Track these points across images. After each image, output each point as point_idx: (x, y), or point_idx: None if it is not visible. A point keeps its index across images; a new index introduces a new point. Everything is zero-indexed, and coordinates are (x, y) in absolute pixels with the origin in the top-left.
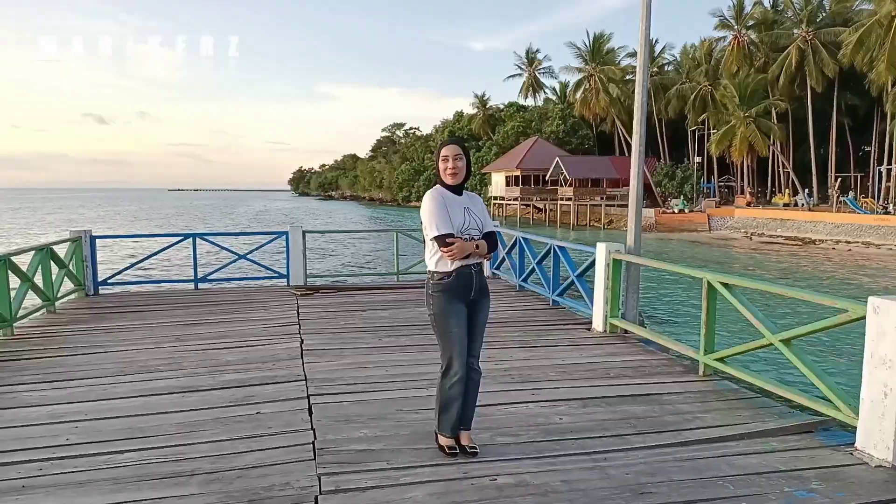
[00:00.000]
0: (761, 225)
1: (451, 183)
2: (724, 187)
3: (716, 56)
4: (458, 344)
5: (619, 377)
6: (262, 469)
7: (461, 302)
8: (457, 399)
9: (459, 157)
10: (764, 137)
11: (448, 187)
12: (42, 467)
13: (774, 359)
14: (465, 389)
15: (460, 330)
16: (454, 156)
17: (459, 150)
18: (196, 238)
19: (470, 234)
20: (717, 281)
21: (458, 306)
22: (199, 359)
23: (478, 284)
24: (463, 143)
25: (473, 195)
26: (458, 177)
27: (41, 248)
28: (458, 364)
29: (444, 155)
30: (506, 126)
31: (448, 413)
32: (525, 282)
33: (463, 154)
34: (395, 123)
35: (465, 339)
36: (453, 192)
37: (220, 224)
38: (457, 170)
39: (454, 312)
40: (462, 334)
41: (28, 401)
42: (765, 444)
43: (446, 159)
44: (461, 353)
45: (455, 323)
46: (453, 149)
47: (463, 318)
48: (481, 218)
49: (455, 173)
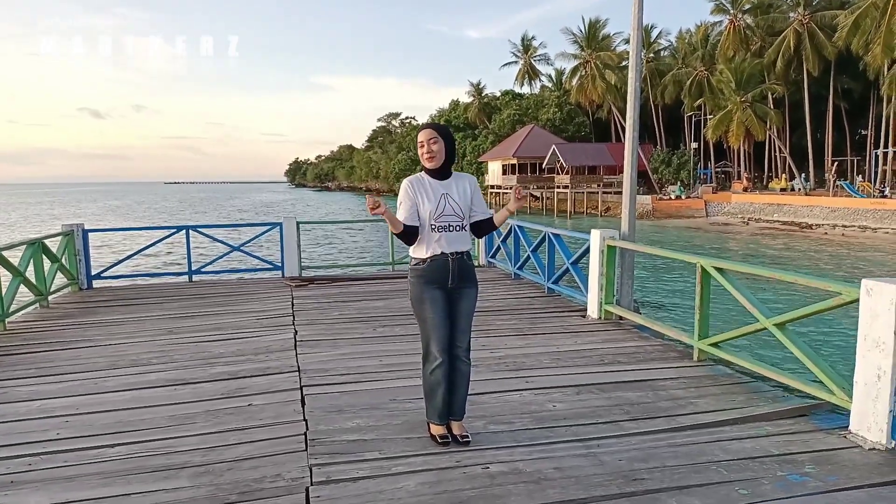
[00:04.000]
0: (758, 210)
1: (430, 167)
2: (720, 173)
3: (712, 41)
4: (435, 330)
5: (613, 363)
6: (253, 461)
7: (438, 289)
8: (439, 385)
9: (435, 141)
10: (760, 122)
11: (430, 172)
12: (31, 462)
13: (769, 343)
14: (449, 378)
15: (435, 316)
16: (429, 140)
17: (434, 134)
18: (189, 230)
19: (447, 221)
20: (711, 266)
21: (433, 293)
22: (191, 351)
23: (457, 272)
24: (441, 127)
25: (464, 178)
26: (435, 160)
27: (33, 242)
28: (435, 350)
29: (420, 140)
30: (502, 114)
31: (433, 401)
32: (520, 270)
33: (439, 137)
34: (391, 113)
35: (443, 326)
36: (435, 176)
37: (218, 216)
38: (433, 153)
39: (429, 299)
40: (439, 321)
41: (19, 395)
42: (758, 428)
43: (422, 144)
44: (438, 340)
45: (430, 309)
46: (427, 133)
47: (439, 304)
48: (463, 204)
49: (432, 157)
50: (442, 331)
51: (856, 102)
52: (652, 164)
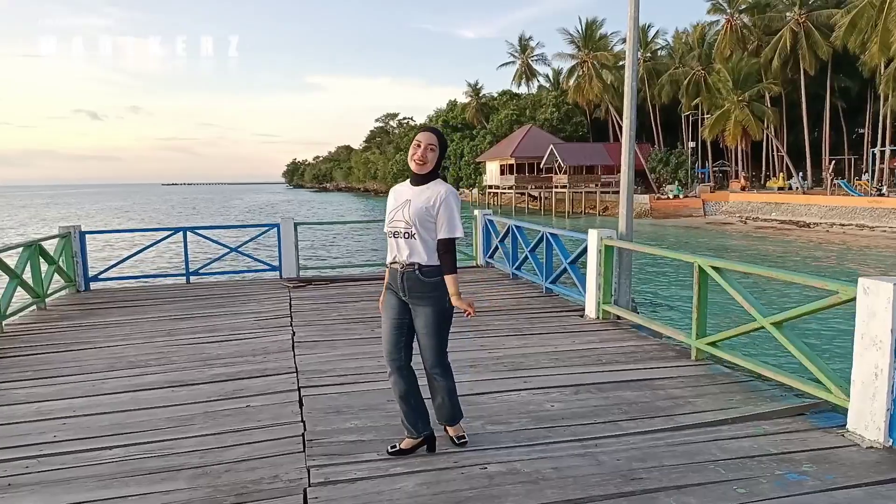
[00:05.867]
0: (756, 209)
1: (415, 170)
2: (718, 172)
3: (709, 40)
4: (384, 339)
5: (611, 363)
6: (251, 462)
7: (394, 297)
8: (397, 396)
9: (433, 148)
10: (758, 121)
11: (411, 177)
12: (28, 465)
13: (767, 342)
14: (408, 390)
15: (384, 325)
16: (427, 145)
17: (434, 142)
18: (187, 232)
19: (394, 227)
20: (709, 265)
21: (391, 300)
22: (189, 353)
23: (404, 285)
24: (441, 135)
25: (436, 189)
26: (423, 167)
27: (29, 244)
28: (386, 360)
29: (418, 140)
30: (499, 114)
31: (400, 410)
32: (518, 270)
33: (437, 146)
34: (389, 114)
35: (387, 337)
36: (413, 182)
37: (224, 218)
38: (424, 160)
39: (386, 306)
40: (385, 330)
41: (16, 398)
42: (756, 427)
43: (418, 145)
44: (386, 350)
45: (384, 317)
46: (428, 137)
47: (388, 313)
48: (417, 213)
49: (421, 163)
50: (387, 342)
51: (853, 101)
52: (650, 164)
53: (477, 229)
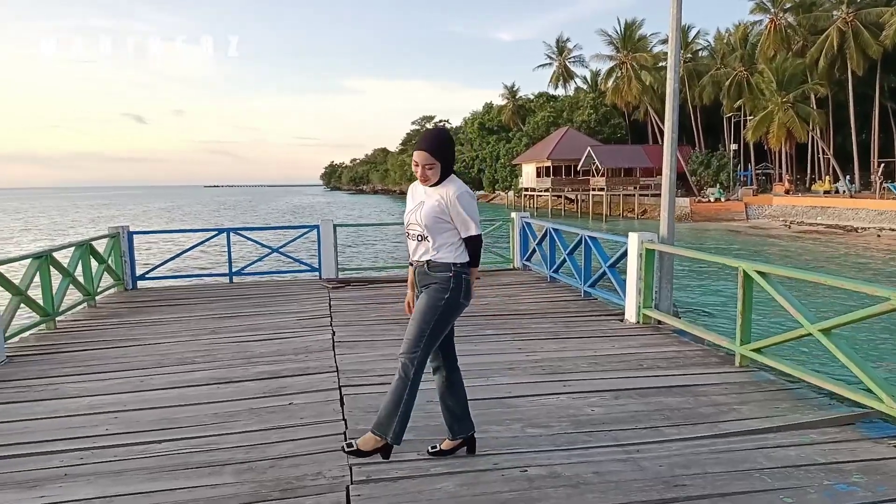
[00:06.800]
0: (801, 213)
1: (423, 185)
2: (761, 175)
3: (752, 40)
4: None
5: (652, 368)
6: (295, 459)
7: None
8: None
9: (430, 167)
10: (803, 123)
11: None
12: (83, 456)
13: (815, 349)
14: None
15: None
16: (425, 165)
17: (431, 160)
18: (230, 233)
19: (410, 229)
20: (754, 270)
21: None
22: (233, 351)
23: (417, 281)
24: (437, 145)
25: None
26: (428, 182)
27: (81, 243)
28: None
29: (415, 160)
30: (536, 116)
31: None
32: (556, 273)
33: (436, 162)
34: (425, 116)
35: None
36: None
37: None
38: (427, 178)
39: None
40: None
41: (69, 392)
42: (803, 436)
43: (416, 165)
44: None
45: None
46: (424, 157)
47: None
48: (429, 215)
49: (426, 180)
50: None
51: None
52: (690, 167)
53: (514, 232)
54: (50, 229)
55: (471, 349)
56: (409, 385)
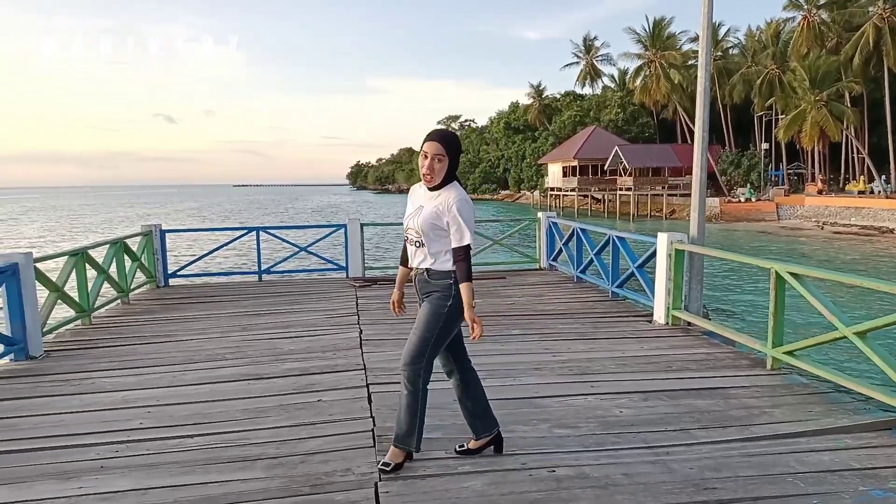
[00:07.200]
0: (834, 214)
1: (426, 185)
2: (793, 175)
3: (784, 38)
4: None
5: (681, 370)
6: (324, 455)
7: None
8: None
9: (441, 158)
10: (836, 122)
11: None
12: (118, 449)
13: (849, 352)
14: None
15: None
16: (434, 155)
17: (442, 151)
18: (259, 231)
19: (408, 234)
20: (786, 271)
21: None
22: (262, 348)
23: (417, 287)
24: (449, 138)
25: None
26: (431, 181)
27: (115, 241)
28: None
29: (424, 151)
30: (562, 115)
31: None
32: (583, 273)
33: (446, 154)
34: (451, 116)
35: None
36: (429, 188)
37: (292, 218)
38: (432, 173)
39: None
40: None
41: (104, 386)
42: (838, 440)
43: (425, 156)
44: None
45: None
46: (434, 147)
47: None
48: (426, 221)
49: (430, 178)
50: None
51: None
52: (720, 166)
53: (540, 232)
54: (86, 227)
55: (497, 349)
56: (419, 396)
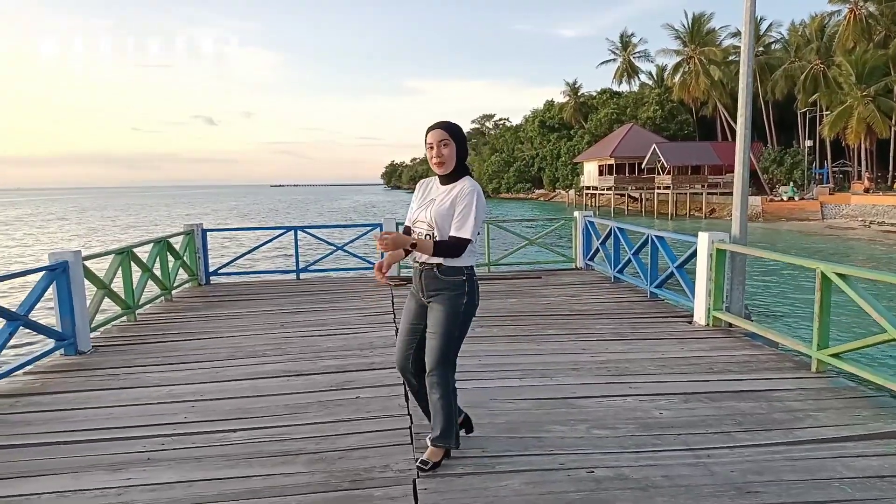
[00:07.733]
0: (881, 213)
1: (439, 172)
2: (838, 173)
3: (829, 32)
4: (397, 342)
5: (723, 372)
6: (363, 451)
7: (414, 300)
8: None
9: (446, 143)
10: (884, 118)
11: (439, 176)
12: (164, 442)
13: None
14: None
15: (401, 327)
16: (439, 142)
17: (445, 135)
18: (297, 231)
19: (417, 229)
20: (833, 272)
21: (410, 304)
22: (301, 345)
23: (423, 283)
24: (452, 126)
25: (460, 187)
26: (444, 167)
27: (159, 240)
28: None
29: (429, 142)
30: (599, 113)
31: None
32: (620, 273)
33: (450, 139)
34: (485, 115)
35: (404, 339)
36: (441, 181)
37: (331, 217)
38: (443, 158)
39: (405, 310)
40: (402, 332)
41: (150, 381)
42: (887, 445)
43: (431, 146)
44: (396, 351)
45: (402, 320)
46: (437, 134)
47: (406, 316)
48: (438, 214)
49: (441, 163)
50: (399, 345)
51: None
52: (762, 164)
53: (577, 231)
54: (131, 226)
55: (534, 349)
56: (452, 395)
